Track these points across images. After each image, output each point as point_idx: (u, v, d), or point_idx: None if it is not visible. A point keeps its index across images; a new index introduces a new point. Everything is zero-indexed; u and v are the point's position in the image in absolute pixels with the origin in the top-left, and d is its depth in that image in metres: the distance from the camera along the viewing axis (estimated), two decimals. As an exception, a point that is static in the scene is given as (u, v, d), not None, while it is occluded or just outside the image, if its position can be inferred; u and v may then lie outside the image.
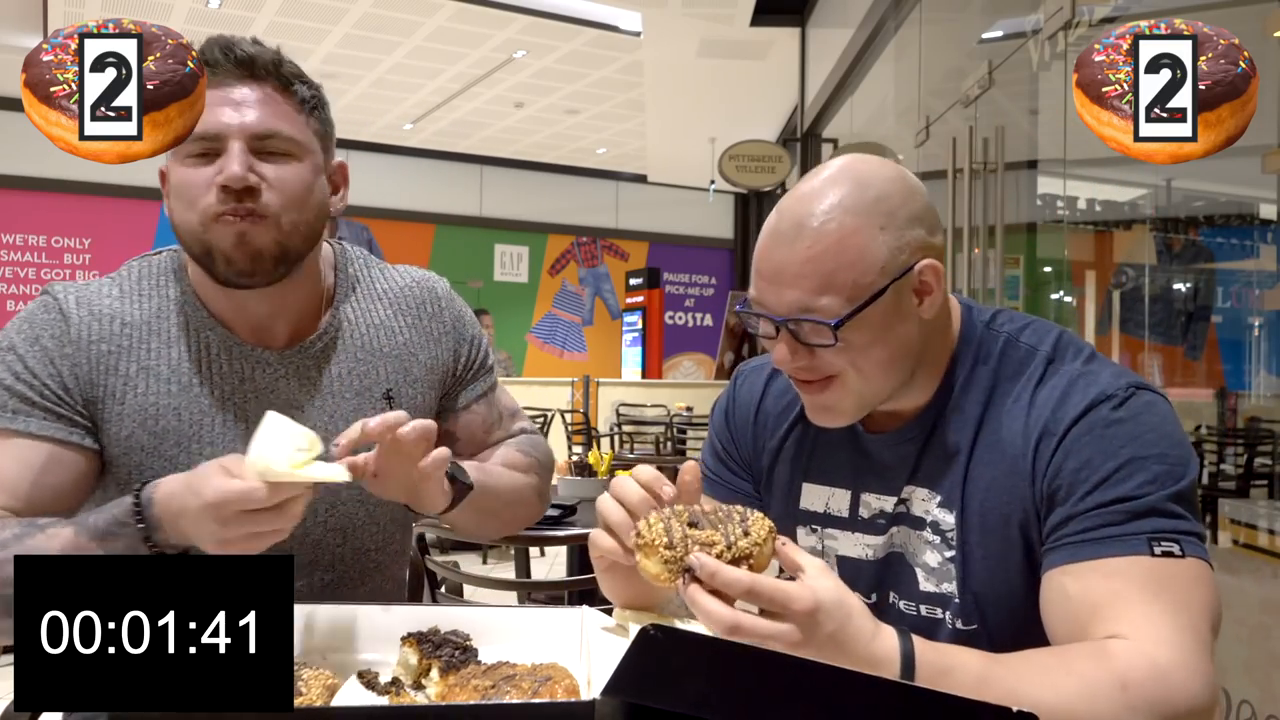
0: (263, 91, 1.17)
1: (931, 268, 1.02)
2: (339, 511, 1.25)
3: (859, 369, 1.02)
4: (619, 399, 9.16)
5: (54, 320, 1.16)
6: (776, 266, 1.01)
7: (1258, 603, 2.54)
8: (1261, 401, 4.46)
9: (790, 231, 1.00)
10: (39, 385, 1.13)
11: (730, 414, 1.27)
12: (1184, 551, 0.92)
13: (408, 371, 1.30)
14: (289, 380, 1.22)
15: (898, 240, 1.00)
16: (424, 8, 7.30)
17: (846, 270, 0.98)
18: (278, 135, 1.16)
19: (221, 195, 1.12)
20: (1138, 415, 0.98)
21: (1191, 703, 0.85)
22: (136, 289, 1.22)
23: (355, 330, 1.28)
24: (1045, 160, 3.93)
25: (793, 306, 1.00)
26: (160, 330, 1.19)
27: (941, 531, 1.06)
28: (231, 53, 1.15)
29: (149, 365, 1.17)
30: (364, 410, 1.24)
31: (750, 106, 8.91)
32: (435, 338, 1.34)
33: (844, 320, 0.98)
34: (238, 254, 1.14)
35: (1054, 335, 1.08)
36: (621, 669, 0.73)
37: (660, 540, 0.88)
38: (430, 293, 1.36)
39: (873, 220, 0.99)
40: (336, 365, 1.25)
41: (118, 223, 10.17)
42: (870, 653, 0.85)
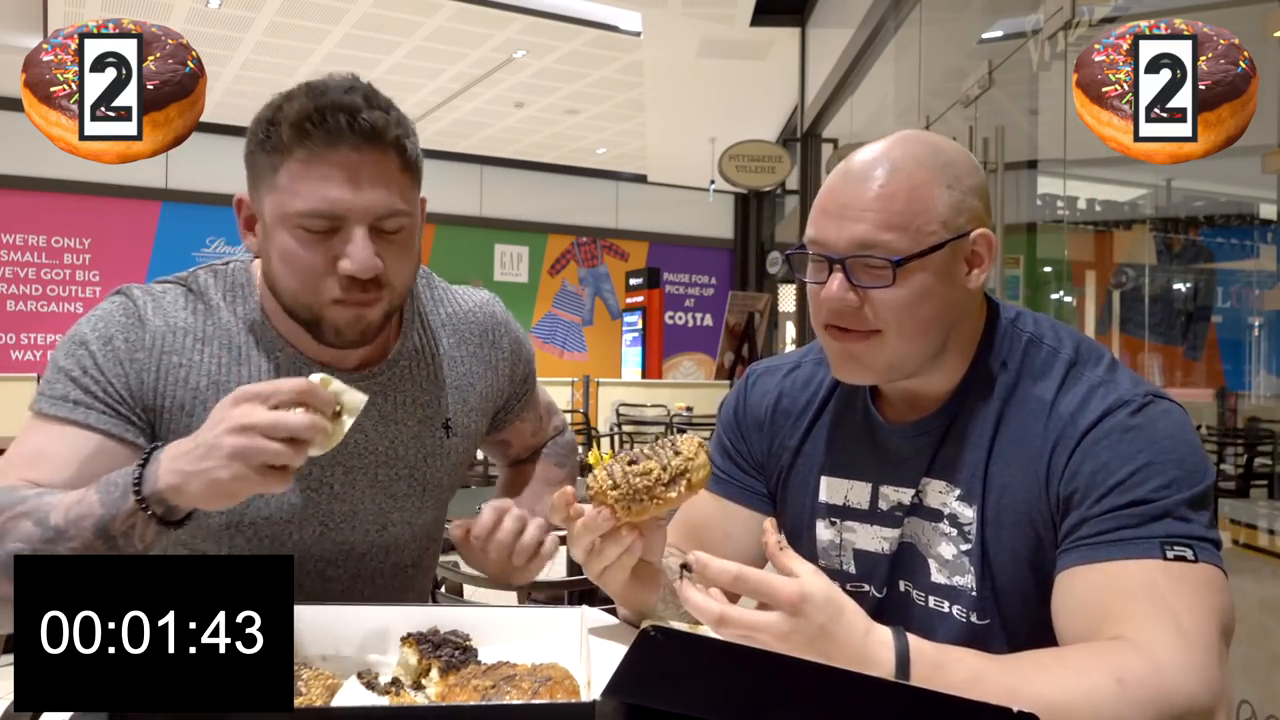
0: (381, 161, 1.09)
1: (985, 237, 1.05)
2: (389, 532, 1.26)
3: (901, 325, 1.03)
4: (619, 399, 9.16)
5: (131, 325, 1.15)
6: (845, 201, 1.03)
7: (1258, 603, 2.54)
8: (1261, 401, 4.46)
9: (863, 171, 1.03)
10: (104, 382, 1.12)
11: (740, 415, 1.28)
12: (1197, 557, 0.92)
13: (465, 401, 1.32)
14: None
15: (960, 202, 1.03)
16: (424, 8, 7.31)
17: (914, 214, 1.01)
18: (398, 214, 1.11)
19: (345, 283, 1.09)
20: (1155, 422, 0.99)
21: (1190, 702, 0.84)
22: (206, 298, 1.20)
23: (420, 361, 1.28)
24: (1045, 160, 3.93)
25: (855, 241, 1.02)
26: (232, 346, 1.18)
27: (960, 525, 1.07)
28: (356, 121, 1.06)
29: (219, 380, 1.16)
30: (423, 438, 1.26)
31: (750, 106, 8.92)
32: (494, 365, 1.36)
33: (905, 260, 1.00)
34: (351, 331, 1.13)
35: (1075, 340, 1.09)
36: (622, 670, 0.73)
37: (606, 484, 0.96)
38: (490, 318, 1.37)
39: (941, 177, 1.03)
40: (400, 394, 1.25)
41: (118, 223, 10.17)
42: (864, 648, 0.85)
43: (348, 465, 1.21)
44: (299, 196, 1.06)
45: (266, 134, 1.08)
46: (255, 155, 1.10)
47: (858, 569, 1.16)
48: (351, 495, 1.21)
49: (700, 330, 13.28)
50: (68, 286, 10.11)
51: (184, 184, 10.33)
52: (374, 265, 1.08)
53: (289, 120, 1.06)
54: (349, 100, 1.07)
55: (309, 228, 1.07)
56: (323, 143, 1.06)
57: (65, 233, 10.08)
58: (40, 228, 9.98)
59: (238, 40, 7.89)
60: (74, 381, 1.12)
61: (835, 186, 1.05)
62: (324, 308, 1.11)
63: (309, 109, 1.05)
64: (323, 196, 1.06)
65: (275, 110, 1.08)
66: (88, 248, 10.16)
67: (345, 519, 1.21)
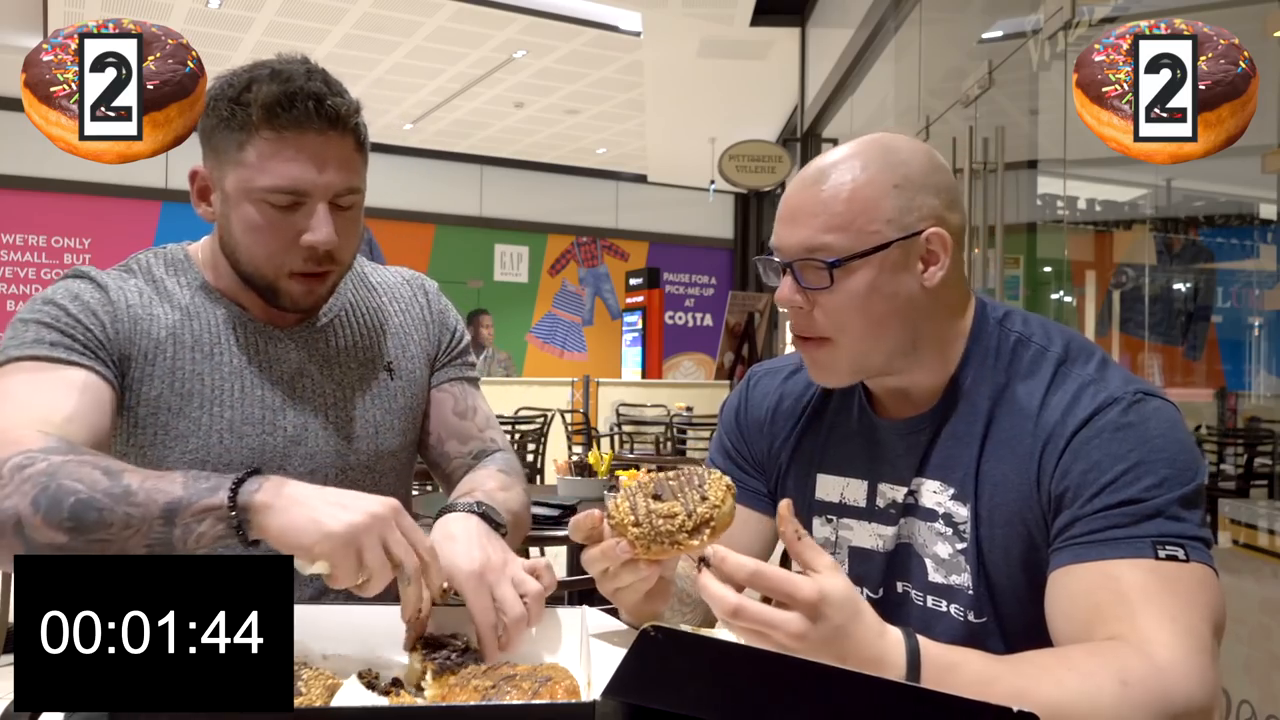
0: (341, 144, 1.20)
1: (939, 236, 1.05)
2: (347, 475, 1.31)
3: (850, 327, 1.05)
4: (619, 399, 9.16)
5: (91, 287, 1.23)
6: (794, 206, 1.07)
7: (1258, 603, 2.54)
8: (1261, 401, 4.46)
9: (812, 176, 1.07)
10: (81, 328, 1.18)
11: (741, 415, 1.29)
12: (1188, 556, 0.92)
13: (405, 348, 1.41)
14: (299, 351, 1.31)
15: (909, 201, 1.04)
16: (424, 8, 7.30)
17: (854, 215, 1.03)
18: (354, 191, 1.22)
19: (306, 253, 1.20)
20: (1146, 420, 0.99)
21: (1189, 703, 0.85)
22: (150, 273, 1.29)
23: (356, 311, 1.39)
24: (1045, 160, 3.93)
25: (799, 245, 1.05)
26: (179, 304, 1.27)
27: (954, 524, 1.07)
28: (322, 108, 1.16)
29: (175, 332, 1.24)
30: (368, 379, 1.35)
31: (750, 106, 8.91)
32: (426, 322, 1.45)
33: (841, 261, 1.02)
34: (305, 300, 1.25)
35: (1065, 338, 1.09)
36: (622, 670, 0.73)
37: (627, 519, 0.94)
38: (420, 289, 1.48)
39: (889, 177, 1.04)
40: (340, 339, 1.35)
41: (118, 223, 10.16)
42: (876, 650, 0.85)
43: (298, 408, 1.28)
44: (266, 173, 1.16)
45: (231, 112, 1.17)
46: (218, 131, 1.19)
47: (852, 567, 1.16)
48: (306, 437, 1.28)
49: (700, 330, 13.27)
50: (68, 286, 10.11)
51: (184, 184, 10.23)
52: (334, 238, 1.19)
53: (259, 103, 1.15)
54: (313, 87, 1.17)
55: (273, 203, 1.18)
56: (291, 126, 1.16)
57: (65, 233, 10.07)
58: (40, 228, 9.97)
59: (238, 40, 7.88)
60: (48, 327, 1.16)
61: (789, 193, 1.09)
62: (281, 279, 1.22)
63: (279, 93, 1.15)
64: (289, 175, 1.16)
65: (241, 90, 1.17)
66: (88, 248, 10.15)
67: (303, 461, 1.27)
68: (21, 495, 0.96)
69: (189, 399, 1.23)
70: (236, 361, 1.27)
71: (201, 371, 1.25)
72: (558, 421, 8.16)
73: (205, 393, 1.24)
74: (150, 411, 1.22)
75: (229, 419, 1.23)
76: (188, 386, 1.23)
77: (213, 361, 1.25)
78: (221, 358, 1.26)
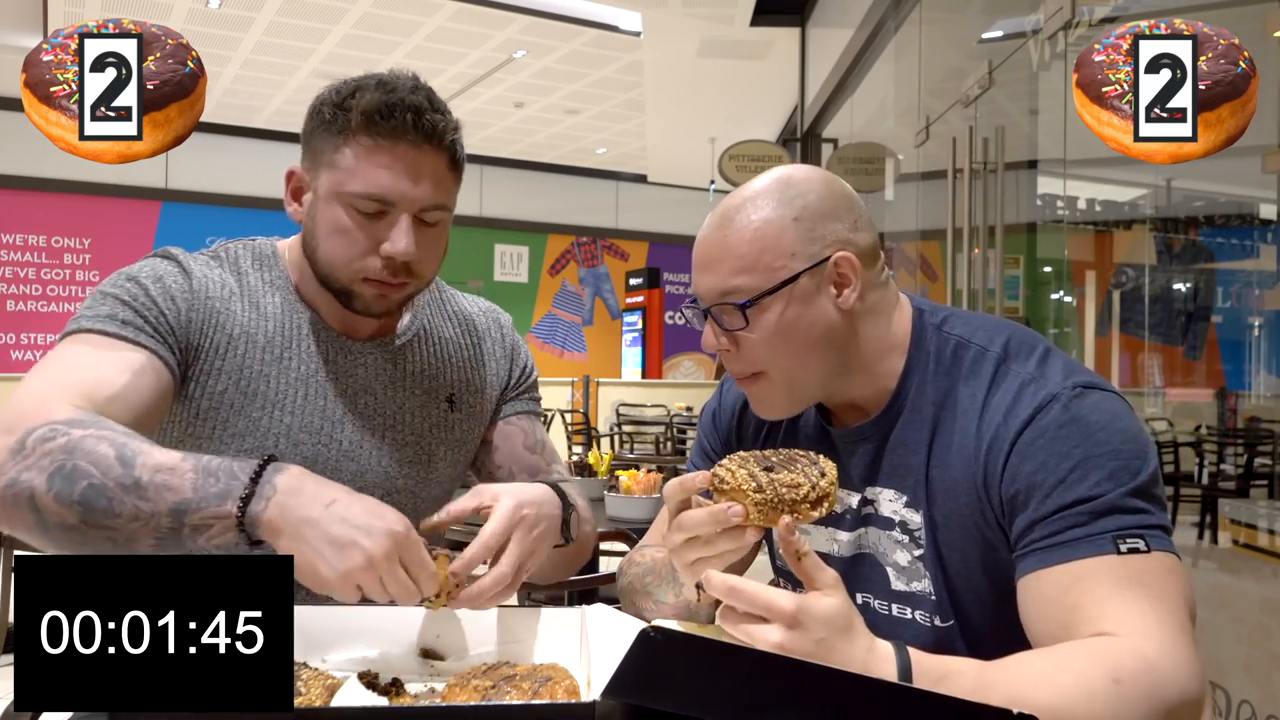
0: (435, 160, 1.20)
1: (847, 259, 1.06)
2: (393, 499, 1.26)
3: (775, 361, 1.07)
4: (619, 399, 9.17)
5: (177, 271, 1.23)
6: (704, 252, 1.10)
7: (1258, 603, 2.54)
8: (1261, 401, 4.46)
9: (716, 222, 1.09)
10: (156, 311, 1.18)
11: (716, 417, 1.32)
12: (1149, 546, 0.92)
13: (469, 382, 1.41)
14: (367, 368, 1.31)
15: (810, 231, 1.06)
16: (424, 8, 7.30)
17: (759, 254, 1.05)
18: (440, 208, 1.22)
19: (384, 262, 1.19)
20: (1087, 415, 0.98)
21: (1182, 693, 0.85)
22: (235, 266, 1.29)
23: (430, 338, 1.39)
24: (1045, 160, 3.93)
25: (713, 290, 1.08)
26: (259, 303, 1.27)
27: (910, 531, 1.08)
28: (420, 121, 1.17)
29: (249, 331, 1.24)
30: (428, 408, 1.35)
31: (750, 106, 8.91)
32: (497, 358, 1.46)
33: (753, 301, 1.05)
34: (376, 305, 1.24)
35: (1005, 336, 1.08)
36: (621, 670, 0.73)
37: (748, 485, 0.93)
38: (495, 322, 1.49)
39: (787, 212, 1.06)
40: (409, 363, 1.35)
41: (118, 223, 10.17)
42: (862, 665, 0.86)
43: (356, 423, 1.28)
44: (358, 178, 1.17)
45: (333, 116, 1.18)
46: (317, 133, 1.20)
47: None
48: (359, 454, 1.28)
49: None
50: (68, 286, 10.11)
51: (184, 184, 10.33)
52: (413, 251, 1.19)
53: (360, 108, 1.16)
54: (415, 99, 1.17)
55: (360, 208, 1.18)
56: (387, 134, 1.16)
57: (65, 233, 10.08)
58: (40, 228, 9.98)
59: (238, 40, 7.89)
60: (124, 304, 1.17)
61: (700, 239, 1.11)
62: (356, 282, 1.21)
63: (380, 102, 1.15)
64: (379, 182, 1.16)
65: (346, 97, 1.18)
66: (88, 248, 10.16)
67: (352, 478, 1.26)
68: (39, 470, 0.98)
69: (252, 399, 1.23)
70: (304, 368, 1.27)
71: (269, 373, 1.25)
72: (558, 421, 8.17)
73: (269, 394, 1.24)
74: (212, 405, 1.22)
75: (288, 424, 1.24)
76: (253, 386, 1.23)
77: (281, 365, 1.25)
78: (290, 362, 1.26)
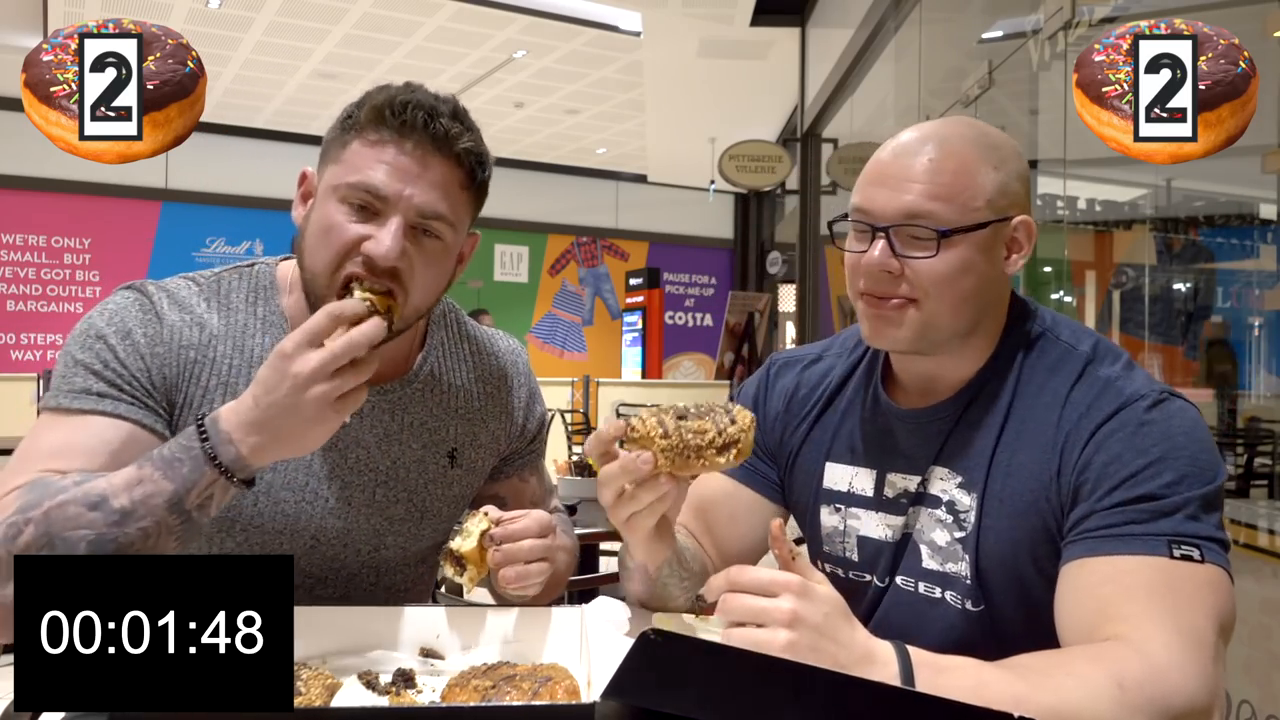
0: (442, 167, 1.11)
1: (1026, 224, 1.07)
2: (381, 554, 1.24)
3: (941, 295, 1.05)
4: (619, 399, 9.15)
5: (148, 319, 1.14)
6: (894, 172, 1.06)
7: (1258, 603, 2.54)
8: (1261, 401, 4.46)
9: (912, 146, 1.06)
10: (127, 375, 1.11)
11: (762, 402, 1.30)
12: (1203, 557, 0.92)
13: (474, 436, 1.30)
14: (361, 419, 1.20)
15: (1004, 185, 1.06)
16: (424, 8, 7.30)
17: (961, 189, 1.04)
18: (439, 218, 1.11)
19: (364, 260, 1.08)
20: (1170, 419, 0.99)
21: (1189, 704, 0.85)
22: (225, 302, 1.19)
23: (435, 387, 1.27)
24: (1045, 160, 3.93)
25: (903, 210, 1.04)
26: (244, 348, 1.17)
27: (956, 511, 1.08)
28: (432, 123, 1.09)
29: (227, 381, 1.15)
30: (426, 463, 1.24)
31: (750, 106, 8.91)
32: (508, 411, 1.35)
33: (952, 232, 1.03)
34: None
35: (1093, 340, 1.10)
36: (622, 671, 0.73)
37: (655, 432, 0.95)
38: (514, 366, 1.37)
39: (989, 157, 1.06)
40: (410, 415, 1.24)
41: (118, 223, 10.16)
42: (866, 646, 0.85)
43: (345, 480, 1.19)
44: (355, 170, 1.09)
45: (349, 114, 1.12)
46: (333, 133, 1.14)
47: (860, 556, 1.17)
48: (346, 512, 1.19)
49: (700, 330, 13.27)
50: (68, 286, 10.11)
51: (184, 184, 10.33)
52: (395, 256, 1.07)
53: (371, 103, 1.10)
54: (431, 103, 1.10)
55: (350, 200, 1.09)
56: (394, 130, 1.09)
57: (65, 233, 10.07)
58: (40, 228, 9.97)
59: (238, 40, 7.88)
60: (95, 375, 1.10)
61: (884, 159, 1.08)
62: (333, 288, 1.09)
63: (393, 98, 1.09)
64: (374, 175, 1.08)
65: (365, 96, 1.12)
66: (88, 248, 10.15)
67: (338, 535, 1.19)
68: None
69: None
70: None
71: None
72: (558, 421, 8.16)
73: None
74: None
75: (268, 480, 1.14)
76: None
77: None
78: None
